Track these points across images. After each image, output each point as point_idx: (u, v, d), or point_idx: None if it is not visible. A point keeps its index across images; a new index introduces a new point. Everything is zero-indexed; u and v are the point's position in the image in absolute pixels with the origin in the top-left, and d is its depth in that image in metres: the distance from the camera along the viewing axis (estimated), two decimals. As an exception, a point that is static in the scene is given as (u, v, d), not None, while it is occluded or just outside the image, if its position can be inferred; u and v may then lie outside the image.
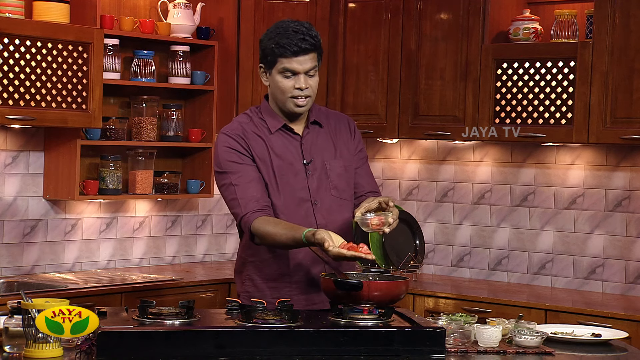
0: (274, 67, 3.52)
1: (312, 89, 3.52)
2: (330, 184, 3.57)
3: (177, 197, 5.56)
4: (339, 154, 3.62)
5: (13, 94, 4.60)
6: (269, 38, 3.54)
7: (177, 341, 2.90)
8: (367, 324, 3.07)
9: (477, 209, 5.62)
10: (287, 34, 3.47)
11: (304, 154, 3.56)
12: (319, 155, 3.58)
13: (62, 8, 4.87)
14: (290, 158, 3.54)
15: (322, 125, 3.63)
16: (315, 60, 3.51)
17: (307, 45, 3.47)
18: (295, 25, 3.50)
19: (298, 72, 3.48)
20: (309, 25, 3.54)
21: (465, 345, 3.20)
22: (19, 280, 4.88)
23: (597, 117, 4.85)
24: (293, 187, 3.51)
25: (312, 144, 3.58)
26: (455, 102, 5.29)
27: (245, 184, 3.47)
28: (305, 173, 3.55)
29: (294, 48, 3.45)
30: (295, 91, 3.49)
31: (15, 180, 5.05)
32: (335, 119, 3.70)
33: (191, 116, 5.69)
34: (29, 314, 2.81)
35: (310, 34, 3.49)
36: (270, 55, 3.51)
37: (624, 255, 5.16)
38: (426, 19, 5.39)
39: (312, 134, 3.60)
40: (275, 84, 3.52)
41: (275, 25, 3.56)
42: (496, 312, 4.72)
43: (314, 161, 3.56)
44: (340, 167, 3.61)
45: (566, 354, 3.26)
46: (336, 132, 3.66)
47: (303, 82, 3.48)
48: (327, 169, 3.58)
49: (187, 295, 4.88)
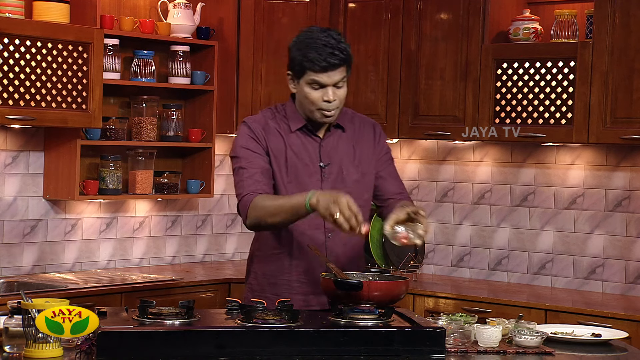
0: (301, 78, 3.46)
1: (340, 100, 3.48)
2: (345, 189, 3.50)
3: (177, 197, 5.56)
4: (358, 160, 3.59)
5: (13, 94, 4.60)
6: (297, 49, 3.47)
7: (177, 341, 2.90)
8: (367, 324, 3.07)
9: (477, 209, 5.62)
10: (316, 47, 3.41)
11: (322, 156, 3.54)
12: (337, 159, 3.55)
13: (62, 8, 4.87)
14: (307, 159, 3.52)
15: (345, 130, 3.60)
16: (345, 71, 3.46)
17: (336, 61, 3.41)
18: (324, 36, 3.43)
19: (326, 85, 3.44)
20: (338, 35, 3.47)
21: (465, 345, 3.20)
22: (19, 280, 4.88)
23: (597, 117, 4.85)
24: (306, 187, 3.47)
25: (331, 148, 3.56)
26: (455, 102, 5.29)
27: (253, 169, 3.47)
28: (321, 175, 3.52)
29: (323, 64, 3.40)
30: (323, 103, 3.45)
31: (15, 180, 5.05)
32: (361, 124, 3.66)
33: (191, 116, 5.69)
34: (29, 314, 2.81)
35: (340, 47, 3.42)
36: (299, 67, 3.45)
37: (624, 255, 5.16)
38: (426, 19, 5.39)
39: (333, 137, 3.57)
40: (303, 94, 3.48)
41: (305, 34, 3.49)
42: (496, 312, 4.72)
43: (331, 165, 3.54)
44: (358, 174, 3.58)
45: (566, 354, 3.26)
46: (359, 137, 3.63)
47: (331, 94, 3.44)
48: (344, 174, 3.55)
49: (187, 295, 4.88)
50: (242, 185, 3.47)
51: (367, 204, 3.63)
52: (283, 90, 5.63)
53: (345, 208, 3.17)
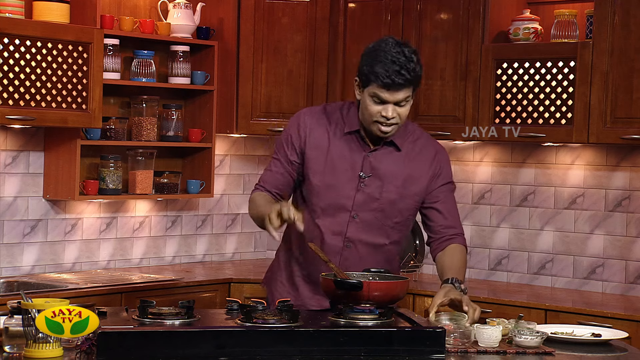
0: (366, 88, 3.40)
1: (400, 118, 3.40)
2: (379, 205, 3.49)
3: (177, 197, 5.56)
4: (401, 181, 3.51)
5: (13, 94, 4.60)
6: (367, 58, 3.39)
7: (177, 341, 2.90)
8: (367, 324, 3.07)
9: (477, 209, 5.62)
10: (385, 62, 3.33)
11: (364, 167, 3.48)
12: (380, 174, 3.49)
13: (62, 8, 4.87)
14: (348, 165, 3.47)
15: (401, 149, 3.52)
16: (410, 92, 3.37)
17: (401, 81, 3.33)
18: (396, 52, 3.35)
19: (388, 102, 3.37)
20: (411, 54, 3.37)
21: (465, 345, 3.20)
22: (19, 280, 4.88)
23: (597, 117, 4.85)
24: (340, 193, 3.46)
25: (377, 162, 3.49)
26: (455, 102, 5.29)
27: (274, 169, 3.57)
28: (357, 184, 3.47)
29: (387, 80, 3.33)
30: (381, 118, 3.39)
31: (15, 180, 5.05)
32: (423, 147, 3.57)
33: (191, 116, 5.69)
34: (29, 314, 2.81)
35: (408, 67, 3.33)
36: (364, 77, 3.39)
37: (624, 255, 5.16)
38: (426, 19, 5.39)
39: (384, 152, 3.51)
40: (364, 104, 3.42)
41: (379, 44, 3.39)
42: (496, 312, 4.72)
43: (372, 177, 3.48)
44: (397, 195, 3.51)
45: (566, 354, 3.26)
46: (414, 159, 3.55)
47: (391, 112, 3.38)
48: (382, 190, 3.49)
49: (187, 295, 4.88)
50: (262, 175, 3.62)
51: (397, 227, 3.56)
52: (283, 90, 5.66)
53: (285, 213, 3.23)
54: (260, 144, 6.12)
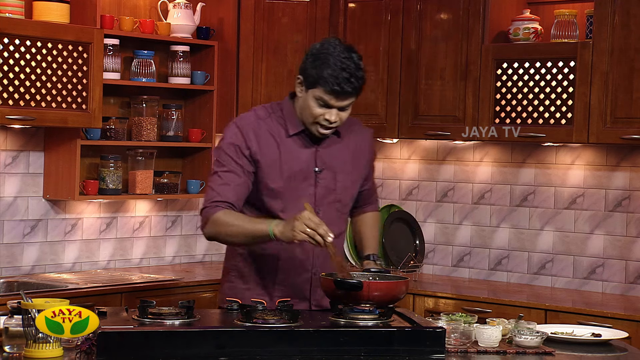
0: (310, 89, 3.39)
1: (341, 122, 3.44)
2: (336, 196, 3.53)
3: (177, 197, 5.56)
4: (350, 168, 3.58)
5: (13, 94, 4.60)
6: (315, 60, 3.38)
7: (177, 341, 2.90)
8: (367, 324, 3.07)
9: (477, 209, 5.62)
10: (334, 67, 3.33)
11: (317, 162, 3.51)
12: (331, 165, 3.53)
13: (62, 8, 4.87)
14: (302, 164, 3.49)
15: (341, 136, 3.57)
16: (353, 98, 3.41)
17: (350, 89, 3.35)
18: (344, 57, 3.34)
19: (332, 107, 3.39)
20: (358, 59, 3.38)
21: (465, 345, 3.20)
22: (19, 280, 4.88)
23: (597, 117, 4.85)
24: (300, 193, 3.47)
25: (327, 154, 3.53)
26: (455, 102, 5.29)
27: (226, 180, 3.43)
28: (315, 181, 3.51)
29: (336, 88, 3.33)
30: (324, 121, 3.41)
31: (15, 180, 5.05)
32: (357, 131, 3.63)
33: (191, 116, 5.69)
34: (29, 314, 2.81)
35: (357, 75, 3.35)
36: (311, 78, 3.38)
37: (624, 255, 5.16)
38: (426, 19, 5.39)
39: (330, 143, 3.54)
40: (307, 104, 3.42)
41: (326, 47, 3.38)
42: (496, 312, 4.72)
43: (326, 170, 3.52)
44: (349, 181, 3.57)
45: (566, 354, 3.26)
46: (355, 145, 3.61)
47: (334, 116, 3.40)
48: (337, 180, 3.54)
49: (187, 295, 4.88)
50: (210, 194, 3.44)
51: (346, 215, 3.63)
52: (283, 90, 5.65)
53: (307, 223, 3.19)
54: (260, 144, 6.11)
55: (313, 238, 3.20)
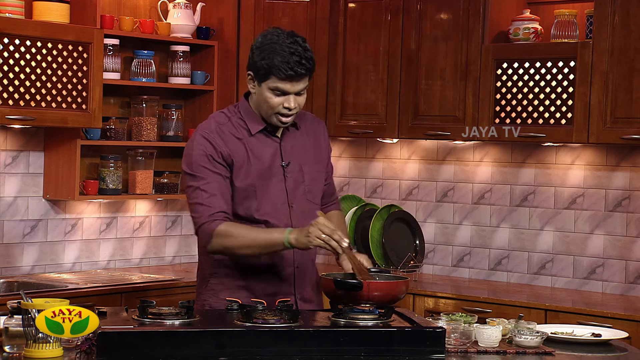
0: (264, 82, 3.41)
1: (299, 107, 3.47)
2: (306, 187, 3.55)
3: (177, 197, 5.56)
4: (313, 157, 3.60)
5: (13, 94, 4.60)
6: (262, 51, 3.39)
7: (177, 341, 2.90)
8: (367, 324, 3.07)
9: (477, 209, 5.62)
10: (283, 54, 3.36)
11: (283, 156, 3.52)
12: (296, 158, 3.55)
13: (62, 8, 4.88)
14: (269, 160, 3.50)
15: (299, 128, 3.60)
16: (307, 81, 3.43)
17: (303, 70, 3.38)
18: (290, 42, 3.38)
19: (289, 93, 3.41)
20: (304, 42, 3.42)
21: (465, 345, 3.20)
22: (19, 280, 4.88)
23: (597, 117, 4.85)
24: (271, 189, 3.48)
25: (291, 147, 3.55)
26: (455, 102, 5.29)
27: (212, 191, 3.41)
28: (283, 175, 3.51)
29: (289, 72, 3.36)
30: (283, 110, 3.43)
31: (15, 180, 5.05)
32: (312, 122, 3.67)
33: (191, 116, 5.69)
34: (29, 314, 2.81)
35: (307, 56, 3.38)
36: (262, 70, 3.39)
37: (624, 255, 5.16)
38: (426, 19, 5.39)
39: (291, 136, 3.57)
40: (263, 98, 3.44)
41: (270, 37, 3.41)
42: (496, 312, 4.72)
43: (292, 164, 3.53)
44: (315, 171, 3.60)
45: (566, 354, 3.26)
46: (312, 134, 3.64)
47: (292, 102, 3.42)
48: (304, 172, 3.56)
49: (187, 295, 4.87)
50: (200, 209, 3.41)
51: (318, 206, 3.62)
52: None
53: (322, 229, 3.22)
54: (260, 144, 6.11)
55: (328, 243, 3.23)
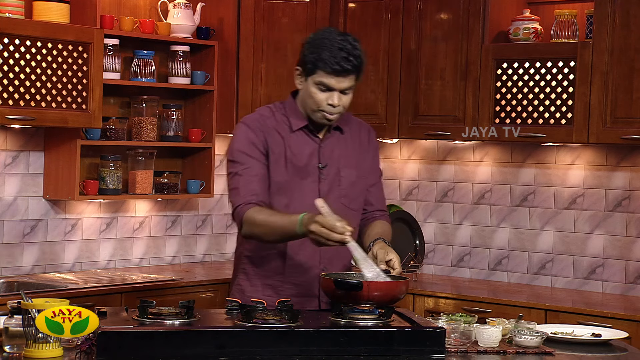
0: (310, 77, 3.44)
1: (344, 106, 3.48)
2: (341, 191, 3.53)
3: (177, 197, 5.56)
4: (354, 162, 3.59)
5: (13, 94, 4.60)
6: (311, 46, 3.43)
7: (177, 341, 2.90)
8: (367, 324, 3.07)
9: (477, 209, 5.62)
10: (332, 49, 3.39)
11: (321, 157, 3.53)
12: (335, 161, 3.55)
13: (62, 8, 4.87)
14: (306, 159, 3.51)
15: (344, 132, 3.60)
16: (354, 80, 3.44)
17: (349, 67, 3.39)
18: (341, 39, 3.41)
19: (334, 89, 3.42)
20: (355, 41, 3.44)
21: (465, 345, 3.20)
22: (19, 280, 4.88)
23: (597, 117, 4.85)
24: (304, 189, 3.48)
25: (330, 149, 3.55)
26: (455, 102, 5.29)
27: (249, 177, 3.46)
28: (318, 177, 3.52)
29: (336, 67, 3.38)
30: (327, 106, 3.44)
31: (15, 180, 5.05)
32: (357, 127, 3.66)
33: (191, 116, 5.69)
34: (29, 314, 2.81)
35: (355, 54, 3.41)
36: (310, 64, 3.42)
37: (624, 255, 5.16)
38: (426, 19, 5.39)
39: (333, 139, 3.57)
40: (309, 93, 3.46)
41: (322, 33, 3.46)
42: (496, 312, 4.72)
43: (329, 166, 3.54)
44: (354, 176, 3.58)
45: (566, 354, 3.26)
46: (356, 140, 3.63)
47: (337, 99, 3.44)
48: (341, 176, 3.55)
49: (187, 295, 4.88)
50: (237, 194, 3.47)
51: (357, 213, 3.62)
52: (283, 90, 5.65)
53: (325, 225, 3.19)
54: (260, 144, 6.11)
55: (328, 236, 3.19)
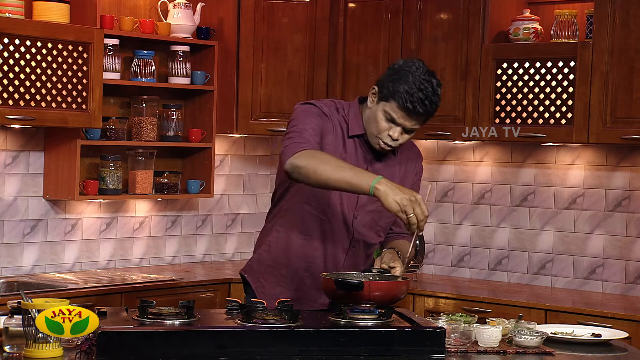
0: (382, 102, 3.37)
1: (402, 142, 3.42)
2: (376, 207, 3.47)
3: (177, 197, 5.56)
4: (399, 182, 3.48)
5: (13, 94, 4.60)
6: (395, 73, 3.36)
7: (177, 341, 2.90)
8: (367, 324, 3.07)
9: (477, 209, 5.62)
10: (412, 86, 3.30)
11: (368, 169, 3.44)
12: None
13: (62, 8, 4.87)
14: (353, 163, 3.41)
15: (397, 154, 3.55)
16: (422, 122, 3.38)
17: (422, 110, 3.33)
18: (425, 79, 3.33)
19: (399, 124, 3.37)
20: (437, 85, 3.37)
21: (465, 345, 3.20)
22: (19, 280, 4.88)
23: (597, 117, 4.85)
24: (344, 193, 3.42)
25: (380, 168, 3.48)
26: (455, 102, 5.29)
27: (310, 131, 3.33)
28: None
29: (409, 105, 3.31)
30: (386, 137, 3.39)
31: (15, 180, 5.05)
32: (408, 150, 3.59)
33: (191, 116, 5.69)
34: (29, 314, 2.81)
35: (432, 100, 3.34)
36: (386, 91, 3.36)
37: (624, 255, 5.16)
38: (426, 19, 5.39)
39: (385, 158, 3.51)
40: (375, 116, 3.39)
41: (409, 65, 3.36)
42: (496, 312, 4.72)
43: None
44: None
45: (566, 354, 3.26)
46: (404, 162, 3.58)
47: (398, 134, 3.38)
48: None
49: (187, 295, 4.88)
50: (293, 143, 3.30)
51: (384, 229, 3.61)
52: (283, 90, 5.66)
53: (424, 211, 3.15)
54: (260, 144, 6.12)
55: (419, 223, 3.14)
